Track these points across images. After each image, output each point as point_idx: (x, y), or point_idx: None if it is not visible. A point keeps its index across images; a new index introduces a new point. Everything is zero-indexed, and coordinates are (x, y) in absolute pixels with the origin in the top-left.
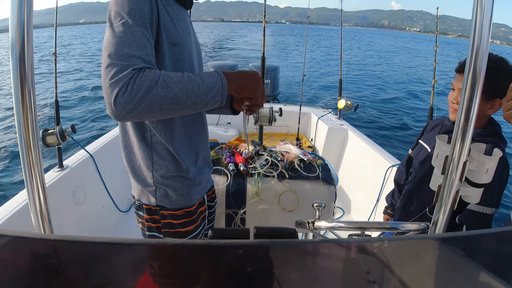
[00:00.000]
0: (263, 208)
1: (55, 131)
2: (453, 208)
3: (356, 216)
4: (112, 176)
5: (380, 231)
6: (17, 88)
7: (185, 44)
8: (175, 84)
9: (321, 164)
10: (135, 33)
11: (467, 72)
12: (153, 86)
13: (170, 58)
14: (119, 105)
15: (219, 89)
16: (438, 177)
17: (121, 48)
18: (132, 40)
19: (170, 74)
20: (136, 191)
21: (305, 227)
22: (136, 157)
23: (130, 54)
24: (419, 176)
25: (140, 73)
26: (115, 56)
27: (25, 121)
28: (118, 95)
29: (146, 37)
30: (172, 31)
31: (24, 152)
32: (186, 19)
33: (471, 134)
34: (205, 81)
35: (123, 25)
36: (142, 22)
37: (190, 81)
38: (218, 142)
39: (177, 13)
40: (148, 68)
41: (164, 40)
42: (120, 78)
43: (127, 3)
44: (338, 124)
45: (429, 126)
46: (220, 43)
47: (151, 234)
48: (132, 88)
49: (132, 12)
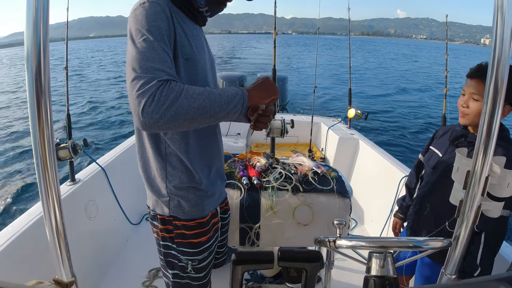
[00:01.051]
0: (278, 223)
1: (67, 145)
2: (475, 223)
3: (370, 227)
4: (123, 189)
5: (403, 249)
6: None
7: (198, 59)
8: (198, 95)
9: (335, 177)
10: (156, 48)
11: (488, 84)
12: (178, 96)
13: (184, 72)
14: (146, 115)
15: (240, 99)
16: (459, 191)
17: (144, 62)
18: (154, 54)
19: (192, 87)
20: (151, 201)
21: (325, 246)
22: (151, 168)
23: (154, 67)
24: (431, 181)
25: (166, 85)
26: (140, 70)
27: (41, 137)
28: (145, 105)
29: (166, 52)
30: (186, 47)
31: (40, 169)
32: (200, 36)
33: (493, 148)
34: (226, 92)
35: (145, 41)
36: (162, 38)
37: (212, 93)
38: (230, 155)
39: (192, 29)
40: (173, 80)
41: (179, 55)
42: (147, 89)
43: (146, 20)
44: (349, 133)
45: (439, 133)
46: (229, 54)
47: (165, 243)
48: (159, 98)
49: (152, 29)
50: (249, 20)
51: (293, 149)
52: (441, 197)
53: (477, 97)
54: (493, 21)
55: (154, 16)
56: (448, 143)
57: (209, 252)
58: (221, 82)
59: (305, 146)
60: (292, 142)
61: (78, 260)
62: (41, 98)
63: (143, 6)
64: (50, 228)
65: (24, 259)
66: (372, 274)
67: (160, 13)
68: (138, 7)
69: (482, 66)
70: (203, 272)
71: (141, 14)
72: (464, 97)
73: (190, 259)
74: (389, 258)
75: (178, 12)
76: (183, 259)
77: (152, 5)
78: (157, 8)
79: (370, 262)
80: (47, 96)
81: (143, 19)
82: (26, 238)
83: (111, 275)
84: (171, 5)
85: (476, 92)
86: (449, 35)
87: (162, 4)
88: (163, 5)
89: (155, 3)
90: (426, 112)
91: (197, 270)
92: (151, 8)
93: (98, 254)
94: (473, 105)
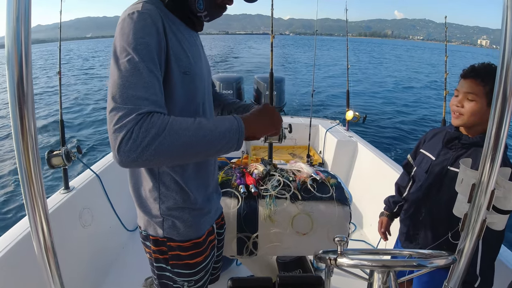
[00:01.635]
0: (276, 232)
1: (60, 153)
2: (480, 237)
3: (369, 231)
4: (118, 195)
5: (407, 269)
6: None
7: (196, 71)
8: (184, 131)
9: (335, 184)
10: (142, 71)
11: (496, 91)
12: (160, 133)
13: (182, 87)
14: (123, 153)
15: (235, 134)
16: (463, 203)
17: (126, 89)
18: (138, 79)
19: (179, 119)
20: (142, 222)
21: (326, 263)
22: (143, 187)
23: (136, 96)
24: (425, 185)
25: (147, 119)
26: (120, 99)
27: (25, 148)
28: (122, 142)
29: (153, 73)
30: (183, 60)
31: (25, 181)
32: (196, 43)
33: (500, 160)
34: (219, 125)
35: (129, 62)
36: (150, 57)
37: (201, 128)
38: (227, 162)
39: (188, 38)
40: (156, 113)
41: (175, 69)
42: (124, 124)
43: (133, 36)
44: (347, 136)
45: (428, 135)
46: (226, 54)
47: (159, 265)
48: (137, 135)
49: (139, 47)
50: (247, 21)
51: (291, 152)
52: (436, 201)
53: (471, 97)
54: (502, 24)
55: (143, 31)
56: (441, 146)
57: (205, 271)
58: (218, 84)
59: (303, 149)
60: (290, 145)
61: (73, 269)
62: (24, 106)
63: (131, 17)
64: (38, 244)
65: (16, 273)
66: None
67: (150, 26)
68: (126, 18)
69: (476, 67)
70: None
71: (128, 27)
72: (457, 98)
73: (186, 280)
74: (392, 273)
75: (173, 20)
76: (179, 281)
77: (141, 16)
78: (147, 20)
79: (372, 278)
80: (30, 104)
81: (130, 34)
82: (18, 251)
83: (108, 283)
84: (166, 12)
85: (471, 92)
86: (446, 36)
87: (153, 15)
88: (154, 15)
89: (145, 14)
90: (425, 113)
91: None
92: (140, 21)
93: (93, 262)
94: (468, 105)
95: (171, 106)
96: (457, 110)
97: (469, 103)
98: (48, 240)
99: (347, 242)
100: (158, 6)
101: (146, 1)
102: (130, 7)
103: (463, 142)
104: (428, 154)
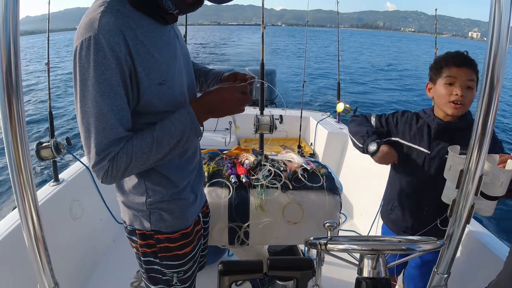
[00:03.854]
0: (267, 221)
1: (49, 144)
2: (467, 222)
3: (359, 222)
4: (109, 187)
5: (397, 252)
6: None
7: (172, 76)
8: (148, 151)
9: (325, 173)
10: (106, 114)
11: (484, 81)
12: (129, 163)
13: (158, 97)
14: (106, 182)
15: (191, 131)
16: (451, 190)
17: (96, 136)
18: (104, 124)
19: (140, 144)
20: (127, 216)
21: (316, 248)
22: (127, 183)
23: (106, 143)
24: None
25: (115, 159)
26: (94, 149)
27: (14, 139)
28: (102, 179)
29: (117, 106)
30: (156, 70)
31: (14, 172)
32: (170, 39)
33: (487, 147)
34: (175, 131)
35: (93, 104)
36: (113, 91)
37: (160, 141)
38: (218, 152)
39: (158, 38)
40: (121, 149)
41: (149, 83)
42: (100, 168)
43: (94, 73)
44: (338, 128)
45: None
46: (218, 45)
47: (146, 259)
48: (112, 172)
49: (101, 86)
50: (239, 12)
51: (282, 144)
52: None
53: (471, 85)
54: (490, 16)
55: (103, 67)
56: (428, 138)
57: (193, 261)
58: None
59: (294, 141)
60: (281, 137)
61: (63, 262)
62: (13, 96)
63: (88, 50)
64: (28, 234)
65: (6, 265)
66: (364, 275)
67: (108, 58)
68: (84, 50)
69: (465, 55)
70: (188, 281)
71: (86, 62)
72: (455, 87)
73: (176, 272)
74: (381, 259)
75: (140, 20)
76: (168, 273)
77: (98, 48)
78: (105, 51)
79: (361, 263)
80: (19, 95)
81: (89, 70)
82: (8, 242)
83: (99, 276)
84: (129, 14)
85: (472, 79)
86: (437, 28)
87: (111, 39)
88: (112, 38)
89: (101, 42)
90: (415, 105)
91: (182, 281)
92: (97, 54)
93: (84, 255)
94: (470, 94)
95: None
96: (461, 101)
97: (470, 92)
98: (38, 231)
99: (337, 229)
100: (119, 9)
101: (106, 7)
102: (86, 22)
103: (452, 129)
104: (416, 147)
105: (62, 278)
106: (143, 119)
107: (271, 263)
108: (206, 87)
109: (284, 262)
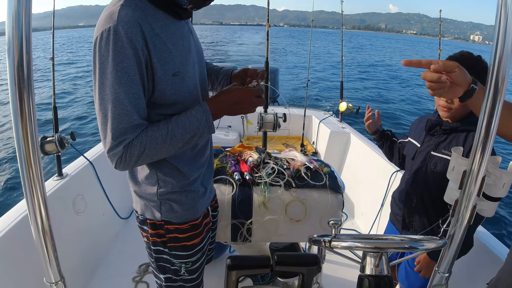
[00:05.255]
0: (270, 219)
1: (53, 139)
2: (470, 223)
3: (360, 221)
4: (112, 182)
5: (399, 250)
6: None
7: (186, 69)
8: (162, 143)
9: (328, 172)
10: (123, 101)
11: (488, 83)
12: (143, 151)
13: (171, 88)
14: (119, 168)
15: (205, 127)
16: (454, 190)
17: (112, 122)
18: (121, 110)
19: (154, 134)
20: (139, 206)
21: (321, 245)
22: (138, 173)
23: (121, 128)
24: (412, 171)
25: (129, 146)
26: (110, 134)
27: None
28: (116, 164)
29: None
30: (170, 62)
31: (23, 165)
32: (184, 34)
33: (491, 149)
34: (189, 125)
35: (111, 91)
36: (130, 81)
37: (174, 134)
38: (222, 150)
39: (174, 32)
40: (135, 137)
41: (163, 74)
42: (115, 154)
43: (113, 62)
44: (340, 127)
45: (415, 123)
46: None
47: (156, 248)
48: (125, 158)
49: (119, 74)
50: (241, 12)
51: (285, 142)
52: (425, 187)
53: None
54: (496, 19)
55: (121, 56)
56: (424, 133)
57: (201, 252)
58: None
59: (297, 139)
60: (284, 135)
61: (67, 256)
62: (24, 91)
63: (108, 40)
64: (35, 227)
65: (11, 258)
66: (366, 273)
67: (126, 48)
68: (103, 40)
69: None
70: (196, 273)
71: (106, 51)
72: None
73: (184, 262)
74: (384, 257)
75: (156, 14)
76: (176, 263)
77: (117, 38)
78: (123, 41)
79: (364, 261)
80: (31, 90)
81: (108, 58)
82: (13, 236)
83: (101, 271)
84: (147, 8)
85: None
86: (440, 29)
87: (129, 30)
88: (130, 30)
89: (120, 33)
90: (419, 106)
91: (190, 272)
92: (116, 44)
93: (87, 250)
94: (457, 101)
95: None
96: (447, 106)
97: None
98: (46, 224)
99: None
100: (137, 4)
101: (125, 1)
102: (106, 15)
103: (444, 128)
104: (414, 142)
105: (65, 272)
106: (157, 109)
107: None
108: (217, 85)
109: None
